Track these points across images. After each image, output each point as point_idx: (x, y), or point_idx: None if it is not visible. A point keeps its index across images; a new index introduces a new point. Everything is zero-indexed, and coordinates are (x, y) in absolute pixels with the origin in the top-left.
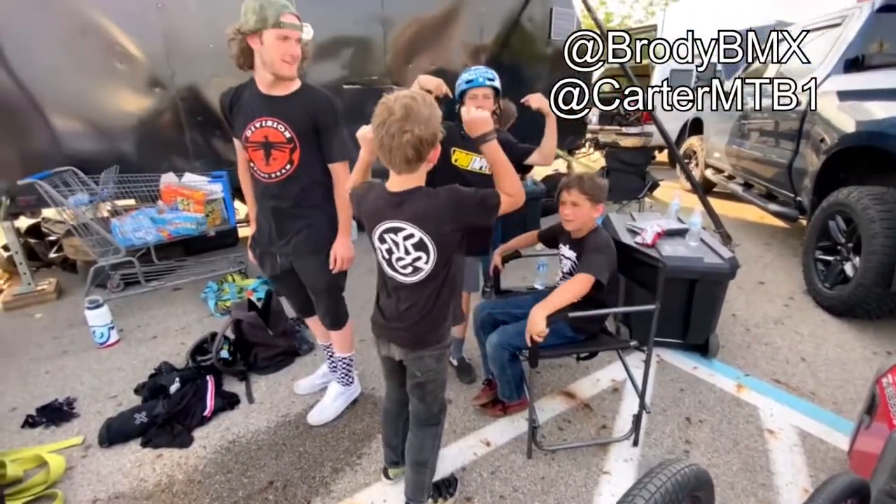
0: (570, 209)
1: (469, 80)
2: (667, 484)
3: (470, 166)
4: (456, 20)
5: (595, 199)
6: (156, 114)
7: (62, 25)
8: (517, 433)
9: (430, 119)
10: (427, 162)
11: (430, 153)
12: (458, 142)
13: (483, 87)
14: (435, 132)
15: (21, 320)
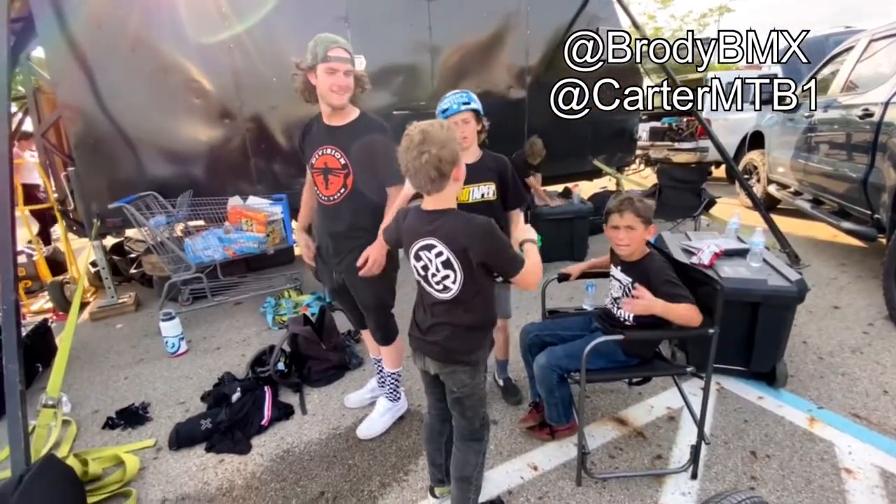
0: (625, 233)
1: (444, 110)
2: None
3: (470, 199)
4: (502, 44)
5: (648, 221)
6: (225, 142)
7: (149, 65)
8: (566, 459)
9: (447, 141)
10: (454, 181)
11: (453, 171)
12: None
13: (460, 114)
14: (454, 151)
15: (104, 330)
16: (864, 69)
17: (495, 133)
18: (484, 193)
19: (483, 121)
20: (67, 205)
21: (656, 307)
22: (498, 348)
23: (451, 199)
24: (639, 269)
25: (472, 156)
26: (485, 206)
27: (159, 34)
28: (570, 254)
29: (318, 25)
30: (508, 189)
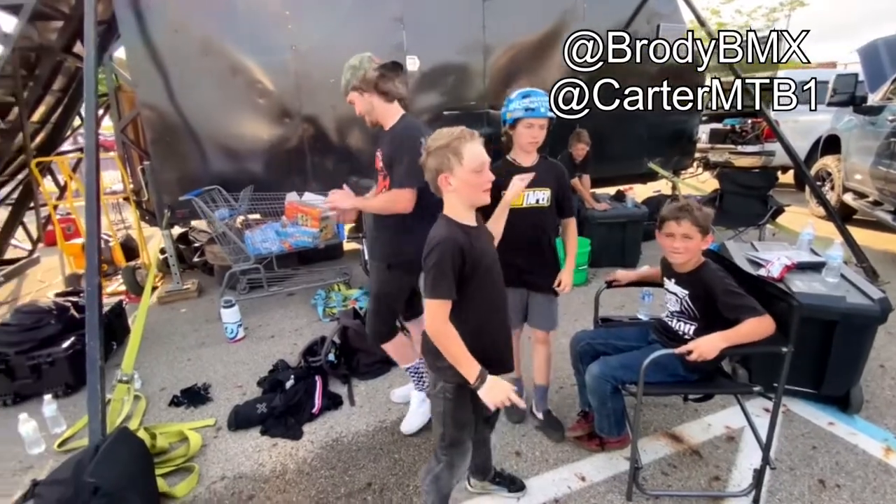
0: (682, 242)
1: (530, 109)
2: None
3: (525, 203)
4: (556, 41)
5: (706, 231)
6: (284, 140)
7: (218, 67)
8: (615, 472)
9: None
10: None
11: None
12: (506, 182)
13: (544, 118)
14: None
15: (170, 313)
16: None
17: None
18: (539, 199)
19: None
20: (142, 196)
21: (720, 343)
22: (537, 369)
23: (451, 206)
24: (694, 281)
25: (530, 159)
26: (536, 212)
27: (228, 37)
28: (621, 260)
29: (375, 27)
30: (565, 196)
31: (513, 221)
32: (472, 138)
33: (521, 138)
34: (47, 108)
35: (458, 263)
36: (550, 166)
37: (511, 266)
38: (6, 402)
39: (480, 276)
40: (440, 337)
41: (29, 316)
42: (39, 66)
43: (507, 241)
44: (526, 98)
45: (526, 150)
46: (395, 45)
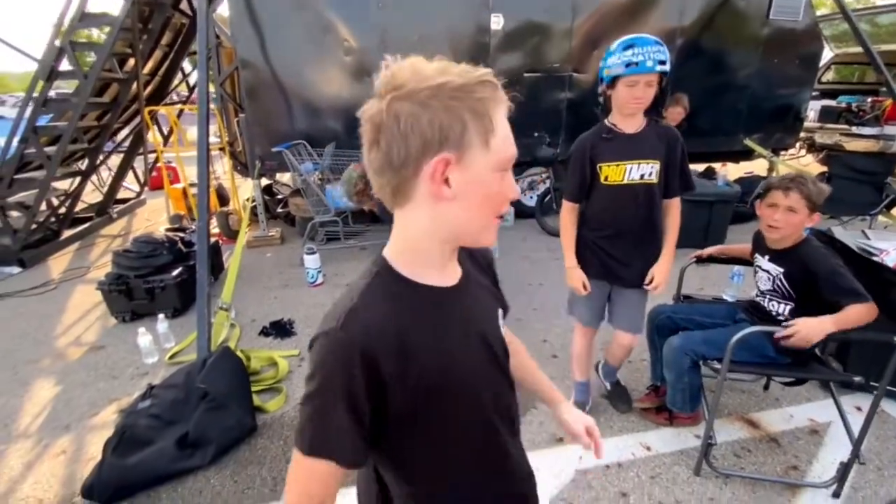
0: (783, 214)
1: (632, 64)
2: None
3: (626, 178)
4: (650, 2)
5: (814, 208)
6: (365, 100)
7: (309, 24)
8: (683, 447)
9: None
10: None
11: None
12: (603, 152)
13: (651, 74)
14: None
15: (257, 256)
16: None
17: None
18: (644, 174)
19: (664, 83)
20: (236, 147)
21: (829, 327)
22: (612, 354)
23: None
24: (792, 258)
25: (634, 125)
26: (644, 189)
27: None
28: (702, 241)
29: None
30: (674, 169)
31: (607, 200)
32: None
33: (621, 99)
34: (155, 62)
35: (374, 392)
36: (662, 132)
37: (597, 253)
38: (125, 318)
39: (439, 410)
40: None
41: (146, 245)
42: (152, 21)
43: (596, 224)
44: (628, 49)
45: (627, 114)
46: (481, 2)
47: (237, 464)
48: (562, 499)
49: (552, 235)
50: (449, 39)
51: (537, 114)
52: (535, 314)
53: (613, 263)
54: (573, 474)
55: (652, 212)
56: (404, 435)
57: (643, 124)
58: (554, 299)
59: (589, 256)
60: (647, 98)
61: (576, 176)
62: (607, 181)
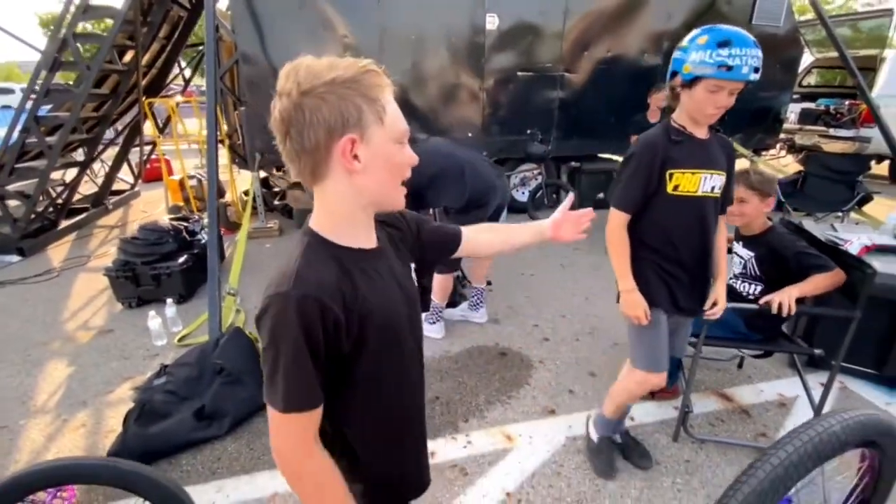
0: (737, 206)
1: (726, 67)
2: (835, 427)
3: (700, 190)
4: (642, 3)
5: (764, 194)
6: None
7: (311, 21)
8: (664, 417)
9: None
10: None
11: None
12: (675, 156)
13: (743, 82)
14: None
15: (256, 247)
16: None
17: (619, 105)
18: (715, 186)
19: None
20: (235, 139)
21: (793, 293)
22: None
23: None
24: (761, 243)
25: (704, 130)
26: (712, 203)
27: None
28: None
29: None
30: (730, 182)
31: (672, 215)
32: (388, 83)
33: (699, 104)
34: (153, 54)
35: (328, 338)
36: (723, 143)
37: (665, 280)
38: (131, 304)
39: (377, 347)
40: (299, 482)
41: (152, 233)
42: (151, 13)
43: (658, 242)
44: (724, 47)
45: (702, 122)
46: (477, 2)
47: (252, 434)
48: (554, 461)
49: None
50: (445, 38)
51: (529, 112)
52: (527, 301)
53: (681, 293)
54: (564, 440)
55: (715, 230)
56: (346, 373)
57: (708, 131)
58: (544, 287)
59: (655, 282)
60: (727, 106)
61: (640, 181)
62: (677, 191)
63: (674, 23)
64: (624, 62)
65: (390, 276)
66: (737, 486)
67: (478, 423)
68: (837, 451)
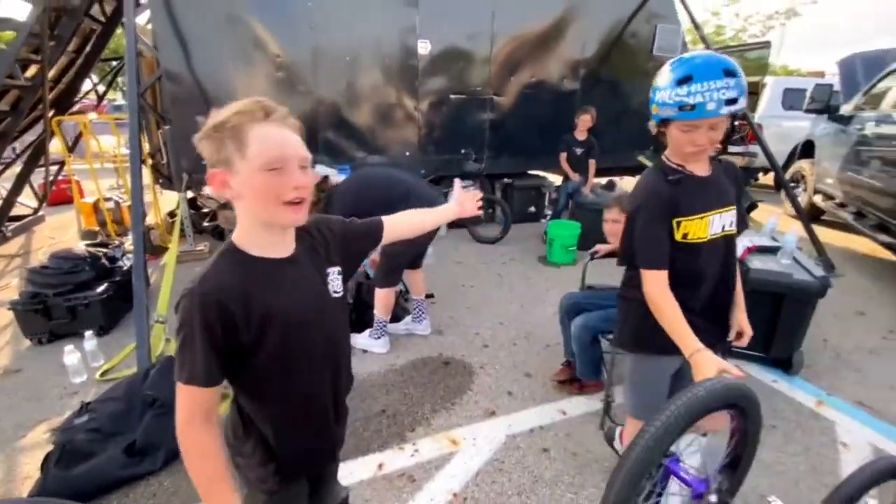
0: (612, 225)
1: (687, 107)
2: (701, 392)
3: (709, 234)
4: (559, 35)
5: None
6: (298, 114)
7: (240, 39)
8: (591, 409)
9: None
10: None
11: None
12: (678, 201)
13: (706, 119)
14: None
15: (185, 272)
16: None
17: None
18: (726, 224)
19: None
20: (158, 159)
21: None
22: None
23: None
24: None
25: (703, 166)
26: (725, 242)
27: (251, 11)
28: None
29: (390, 9)
30: (740, 209)
31: (686, 262)
32: (269, 118)
33: (679, 145)
34: (60, 68)
35: (226, 330)
36: (729, 170)
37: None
38: (41, 340)
39: (279, 344)
40: (185, 451)
41: (66, 261)
42: (60, 27)
43: (682, 292)
44: (684, 84)
45: (691, 159)
46: (408, 28)
47: None
48: (496, 459)
49: (481, 243)
50: (380, 61)
51: (463, 132)
52: (467, 311)
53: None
54: (504, 439)
55: (734, 270)
56: (253, 365)
57: (709, 165)
58: (483, 297)
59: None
60: (712, 142)
61: (659, 232)
62: (686, 239)
63: (587, 52)
64: (546, 87)
65: (301, 283)
66: (632, 446)
67: (424, 431)
68: (704, 413)
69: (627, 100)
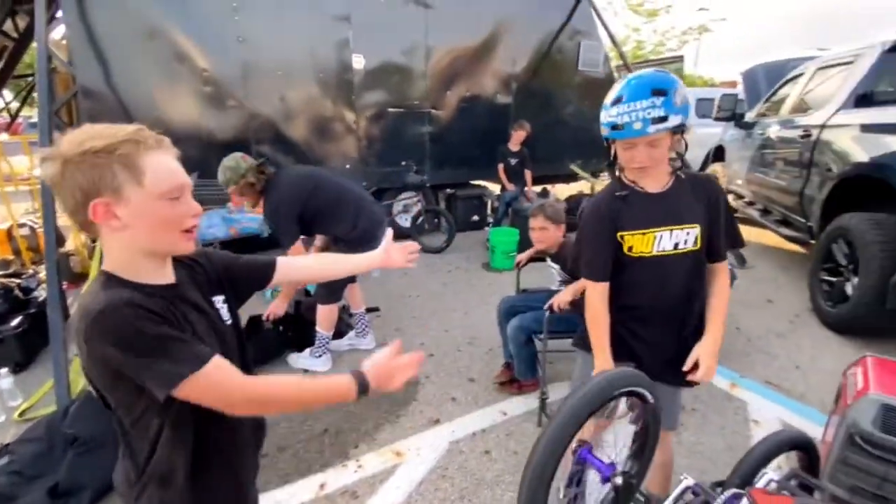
0: (539, 233)
1: (617, 127)
2: (602, 382)
3: (655, 250)
4: (491, 51)
5: (556, 222)
6: (229, 129)
7: (163, 53)
8: (530, 408)
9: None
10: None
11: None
12: (622, 216)
13: (640, 137)
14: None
15: None
16: (810, 94)
17: (481, 138)
18: (680, 242)
19: (682, 136)
20: None
21: (566, 297)
22: (652, 478)
23: (115, 257)
24: (560, 257)
25: (657, 182)
26: (681, 260)
27: (174, 24)
28: None
29: (322, 24)
30: (718, 228)
31: (635, 275)
32: (160, 146)
33: (623, 162)
34: None
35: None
36: (700, 186)
37: (624, 337)
38: None
39: None
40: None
41: None
42: None
43: (623, 300)
44: (615, 105)
45: (639, 175)
46: (341, 42)
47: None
48: (439, 467)
49: (427, 252)
50: (314, 75)
51: (403, 145)
52: (413, 321)
53: (642, 347)
54: (447, 446)
55: (691, 289)
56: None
57: (669, 180)
58: (428, 306)
59: (614, 339)
60: (652, 159)
61: (598, 246)
62: (631, 252)
63: (518, 67)
64: (482, 100)
65: (189, 310)
66: (543, 432)
67: (368, 446)
68: (606, 400)
69: (558, 112)
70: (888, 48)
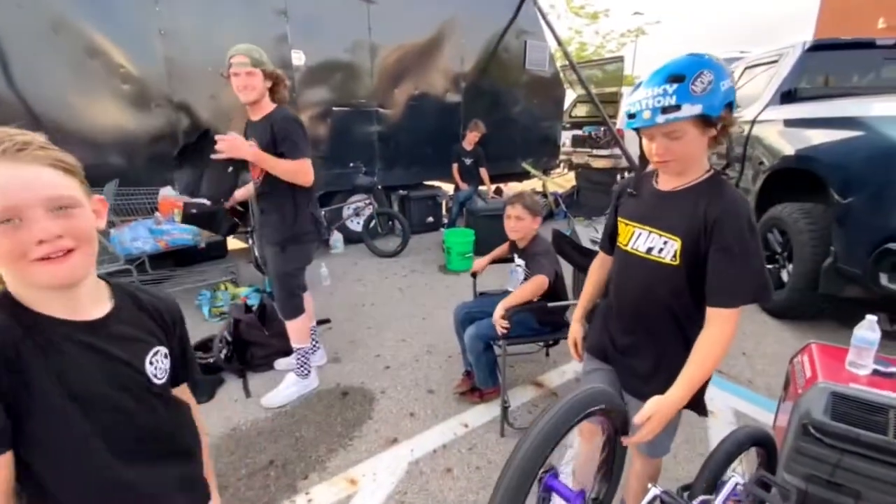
0: (515, 222)
1: (631, 116)
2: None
3: (630, 245)
4: (438, 49)
5: (534, 213)
6: (154, 130)
7: (72, 49)
8: (492, 416)
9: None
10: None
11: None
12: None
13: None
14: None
15: None
16: (739, 92)
17: (432, 137)
18: (653, 248)
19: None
20: None
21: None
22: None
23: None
24: (529, 253)
25: (672, 180)
26: (651, 268)
27: (84, 16)
28: None
29: (257, 17)
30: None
31: (616, 264)
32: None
33: (646, 152)
34: None
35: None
36: (694, 200)
37: (605, 329)
38: None
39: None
40: None
41: None
42: None
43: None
44: (634, 93)
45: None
46: (279, 37)
47: None
48: (398, 491)
49: (381, 257)
50: None
51: (351, 145)
52: (368, 332)
53: (616, 350)
54: (406, 467)
55: (660, 298)
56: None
57: (688, 181)
58: (384, 315)
59: (597, 324)
60: (671, 152)
61: (607, 221)
62: (618, 240)
63: (466, 65)
64: (431, 99)
65: (105, 353)
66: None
67: (318, 476)
68: (579, 418)
69: (508, 111)
70: (808, 48)
